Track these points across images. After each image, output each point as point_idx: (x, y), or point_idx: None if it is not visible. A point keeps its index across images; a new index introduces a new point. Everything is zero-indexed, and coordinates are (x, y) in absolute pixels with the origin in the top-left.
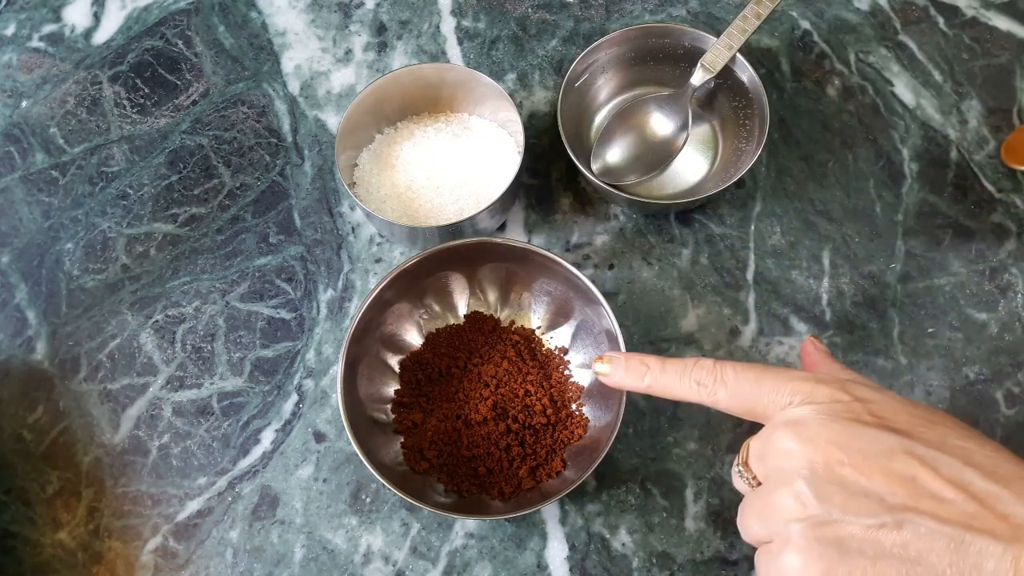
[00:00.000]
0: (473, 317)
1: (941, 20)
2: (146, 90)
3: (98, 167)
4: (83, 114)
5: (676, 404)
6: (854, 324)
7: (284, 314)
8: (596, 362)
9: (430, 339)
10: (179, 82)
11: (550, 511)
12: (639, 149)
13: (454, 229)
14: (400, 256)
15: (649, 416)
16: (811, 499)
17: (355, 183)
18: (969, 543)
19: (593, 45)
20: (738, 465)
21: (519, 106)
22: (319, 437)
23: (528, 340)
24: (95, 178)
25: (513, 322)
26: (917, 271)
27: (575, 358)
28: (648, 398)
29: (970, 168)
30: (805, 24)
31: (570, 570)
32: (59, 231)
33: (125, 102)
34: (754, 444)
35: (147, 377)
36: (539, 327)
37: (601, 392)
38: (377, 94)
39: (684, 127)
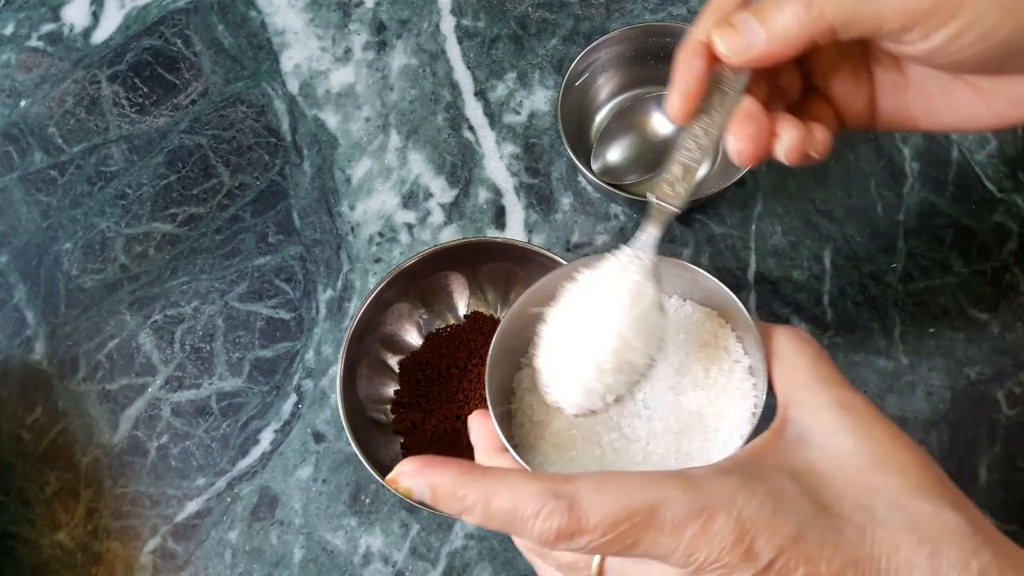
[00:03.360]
0: (473, 317)
1: None
2: (145, 89)
3: (97, 167)
4: (82, 113)
5: None
6: (855, 324)
7: (283, 314)
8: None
9: (430, 339)
10: (178, 81)
11: None
12: (640, 148)
13: None
14: (400, 256)
15: None
16: None
17: None
18: None
19: (593, 44)
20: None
21: (519, 105)
22: (318, 438)
23: None
24: (94, 178)
25: None
26: (918, 271)
27: None
28: None
29: (971, 168)
30: None
31: None
32: (58, 231)
33: (124, 101)
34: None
35: (146, 377)
36: None
37: None
38: None
39: None
